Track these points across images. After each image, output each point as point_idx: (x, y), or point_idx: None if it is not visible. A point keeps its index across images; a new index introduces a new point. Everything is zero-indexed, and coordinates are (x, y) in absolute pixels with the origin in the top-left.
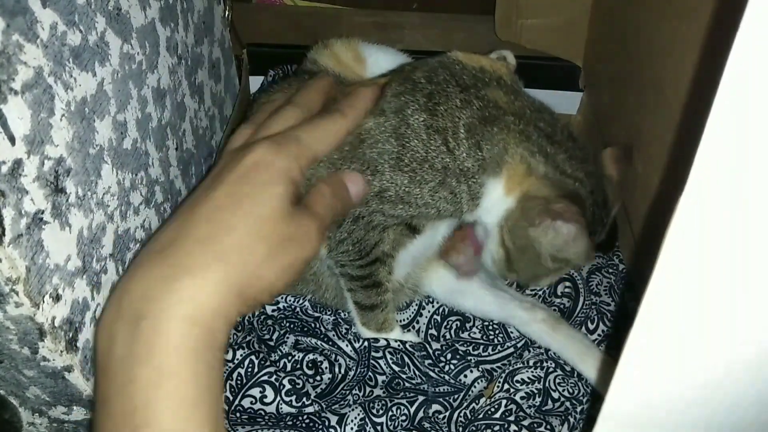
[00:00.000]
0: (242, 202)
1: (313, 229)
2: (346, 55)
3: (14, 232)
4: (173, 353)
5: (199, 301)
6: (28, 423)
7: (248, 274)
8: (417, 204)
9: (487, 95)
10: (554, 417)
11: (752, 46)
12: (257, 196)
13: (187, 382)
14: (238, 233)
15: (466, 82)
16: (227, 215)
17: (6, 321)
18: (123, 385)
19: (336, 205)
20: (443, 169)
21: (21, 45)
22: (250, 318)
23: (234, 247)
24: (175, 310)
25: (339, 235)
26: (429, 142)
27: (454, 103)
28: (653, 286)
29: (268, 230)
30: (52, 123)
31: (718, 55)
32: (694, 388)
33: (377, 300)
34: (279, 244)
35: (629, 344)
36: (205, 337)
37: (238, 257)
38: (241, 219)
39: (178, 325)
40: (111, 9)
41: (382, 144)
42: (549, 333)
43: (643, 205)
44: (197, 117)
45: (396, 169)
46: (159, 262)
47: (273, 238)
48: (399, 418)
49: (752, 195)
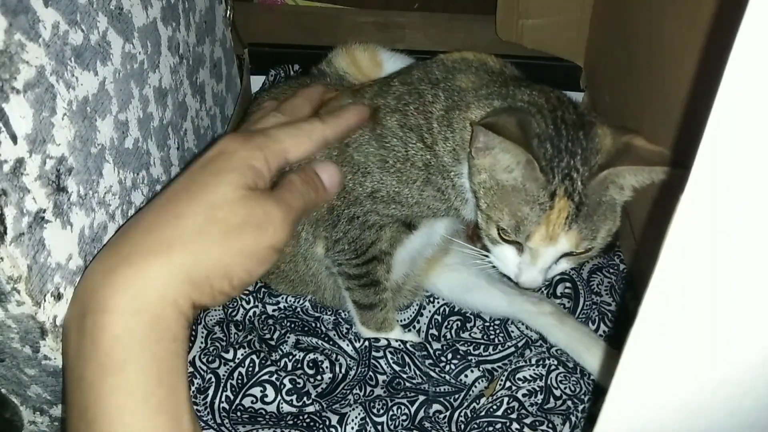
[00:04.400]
0: (194, 189)
1: (276, 213)
2: (364, 59)
3: (16, 230)
4: (116, 346)
5: (139, 289)
6: (30, 421)
7: (196, 257)
8: (408, 203)
9: (454, 84)
10: (556, 415)
11: (753, 47)
12: (209, 183)
13: (133, 375)
14: (186, 220)
15: (437, 76)
16: (176, 204)
17: (7, 319)
18: (76, 382)
19: (307, 191)
20: (425, 167)
21: (23, 44)
22: (251, 317)
23: (180, 233)
24: (114, 301)
25: (335, 235)
26: (406, 139)
27: (425, 99)
28: (654, 286)
29: (221, 215)
30: (53, 122)
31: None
32: (695, 388)
33: (375, 299)
34: (234, 227)
35: (630, 344)
36: (151, 326)
37: (184, 242)
38: (190, 206)
39: (118, 316)
40: (113, 8)
41: (365, 146)
42: (556, 326)
43: (643, 204)
44: (199, 116)
45: (384, 171)
46: (105, 256)
47: (226, 222)
48: (399, 418)
49: (752, 195)
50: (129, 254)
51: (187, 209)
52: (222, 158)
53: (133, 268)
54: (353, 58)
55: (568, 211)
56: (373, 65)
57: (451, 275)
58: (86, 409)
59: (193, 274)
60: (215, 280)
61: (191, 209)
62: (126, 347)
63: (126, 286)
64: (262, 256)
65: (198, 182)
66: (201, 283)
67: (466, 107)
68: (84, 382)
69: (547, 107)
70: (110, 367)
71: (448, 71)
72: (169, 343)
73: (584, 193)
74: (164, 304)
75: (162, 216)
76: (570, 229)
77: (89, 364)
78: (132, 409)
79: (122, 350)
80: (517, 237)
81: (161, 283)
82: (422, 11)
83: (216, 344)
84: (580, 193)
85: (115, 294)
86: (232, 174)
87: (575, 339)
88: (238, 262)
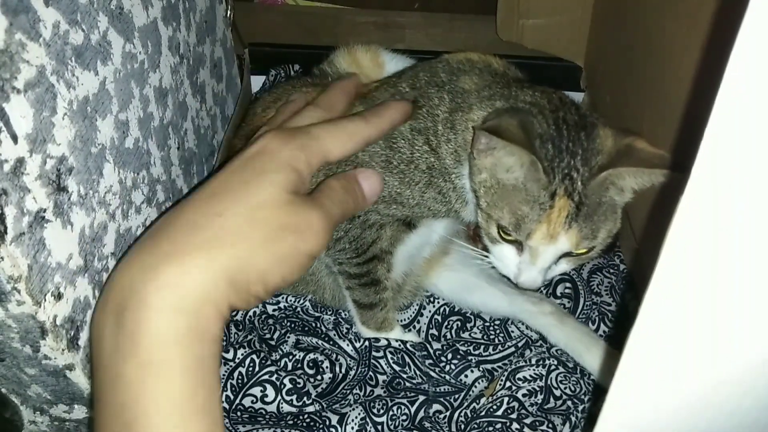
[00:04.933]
0: (236, 188)
1: (316, 221)
2: (365, 59)
3: (16, 230)
4: (157, 345)
5: (181, 288)
6: (30, 421)
7: (238, 260)
8: (409, 204)
9: (457, 86)
10: (556, 415)
11: (753, 47)
12: (252, 183)
13: (174, 375)
14: (229, 218)
15: (442, 79)
16: (218, 201)
17: (8, 319)
18: (112, 381)
19: (346, 200)
20: (428, 170)
21: (24, 44)
22: (251, 317)
23: (223, 232)
24: (156, 299)
25: (336, 234)
26: (413, 142)
27: (432, 102)
28: (654, 286)
29: (263, 217)
30: (54, 122)
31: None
32: (695, 388)
33: (376, 298)
34: (274, 232)
35: (630, 344)
36: (192, 325)
37: (225, 243)
38: (232, 205)
39: (160, 314)
40: (113, 8)
41: (372, 146)
42: (557, 325)
43: (643, 205)
44: (199, 116)
45: (387, 171)
46: (143, 252)
47: (268, 226)
48: (399, 418)
49: (753, 195)
50: (171, 251)
51: (229, 208)
52: (264, 157)
53: (176, 266)
54: (355, 58)
55: (569, 210)
56: (375, 66)
57: (452, 275)
58: (123, 408)
59: (234, 276)
60: (252, 284)
61: (233, 209)
62: (168, 346)
63: (168, 284)
64: (298, 263)
65: (240, 180)
66: (240, 286)
67: (468, 108)
68: (122, 380)
69: (548, 107)
70: (151, 366)
71: (452, 73)
72: (210, 344)
73: (584, 193)
74: (206, 304)
75: (204, 213)
76: (570, 228)
77: (128, 362)
78: (174, 410)
79: (164, 349)
80: (518, 235)
81: (204, 282)
82: (422, 11)
83: None
84: (580, 193)
85: (157, 290)
86: (275, 175)
87: (575, 339)
88: (275, 268)
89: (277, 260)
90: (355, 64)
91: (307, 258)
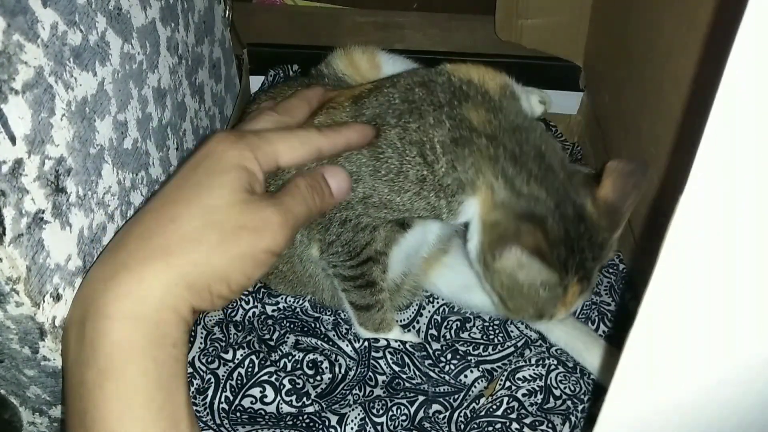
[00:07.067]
0: (188, 192)
1: (273, 218)
2: (362, 60)
3: (15, 231)
4: (116, 352)
5: (138, 296)
6: (29, 422)
7: (194, 264)
8: (400, 210)
9: (461, 114)
10: (556, 415)
11: (752, 47)
12: (203, 185)
13: (131, 380)
14: (183, 223)
15: (440, 100)
16: (172, 207)
17: (6, 320)
18: (75, 388)
19: (311, 197)
20: (419, 181)
21: (21, 45)
22: (251, 318)
23: (178, 237)
24: (114, 308)
25: (328, 238)
26: (403, 152)
27: (427, 121)
28: (653, 286)
29: (216, 219)
30: (52, 123)
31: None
32: (694, 388)
33: (372, 300)
34: (230, 232)
35: (629, 344)
36: (151, 331)
37: (182, 247)
38: (186, 209)
39: (118, 323)
40: (111, 9)
41: (357, 156)
42: (556, 325)
43: (643, 205)
44: (198, 117)
45: (376, 178)
46: (103, 263)
47: (222, 227)
48: (399, 418)
49: (752, 195)
50: (127, 260)
51: (182, 213)
52: (212, 159)
53: (132, 275)
54: (352, 59)
55: (581, 287)
56: (372, 67)
57: (451, 275)
58: (85, 414)
59: (191, 280)
60: (214, 285)
61: (187, 213)
62: (126, 353)
63: (125, 293)
64: (259, 260)
65: (191, 184)
66: (200, 288)
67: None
68: (83, 387)
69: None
70: (110, 372)
71: (453, 95)
72: (169, 349)
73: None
74: (164, 310)
75: (157, 220)
76: (580, 296)
77: (89, 370)
78: (131, 414)
79: (122, 356)
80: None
81: (160, 289)
82: (422, 11)
83: (215, 345)
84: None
85: (114, 300)
86: (225, 176)
87: (575, 338)
88: (236, 267)
89: (235, 260)
90: (352, 65)
91: (268, 255)
